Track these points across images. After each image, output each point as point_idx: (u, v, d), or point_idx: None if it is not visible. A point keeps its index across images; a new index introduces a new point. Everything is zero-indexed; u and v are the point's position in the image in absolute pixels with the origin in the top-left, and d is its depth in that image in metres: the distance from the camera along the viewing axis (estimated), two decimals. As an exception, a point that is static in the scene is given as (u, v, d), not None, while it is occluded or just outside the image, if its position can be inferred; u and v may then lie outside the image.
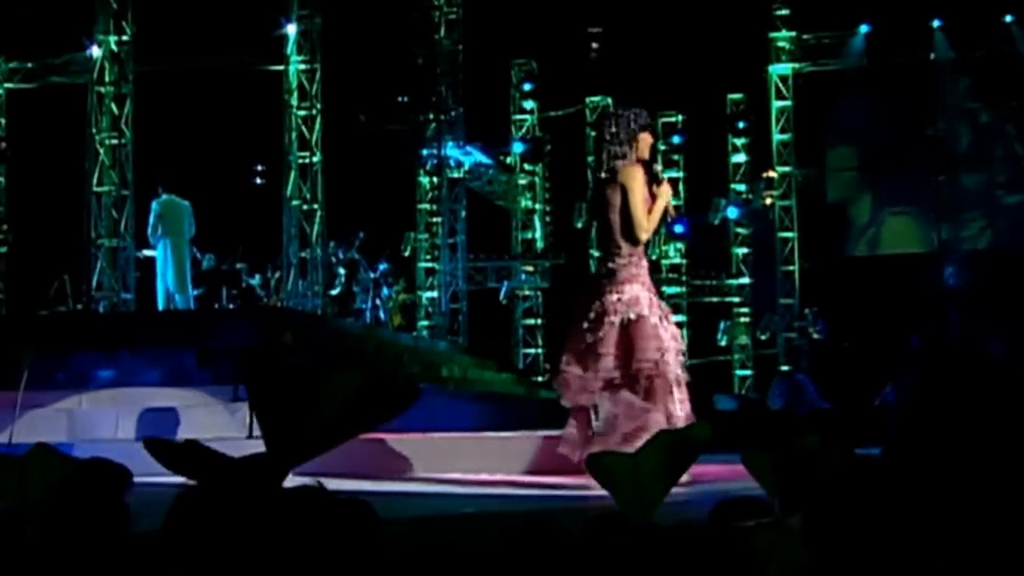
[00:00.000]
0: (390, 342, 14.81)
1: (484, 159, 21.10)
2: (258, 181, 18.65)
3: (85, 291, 15.41)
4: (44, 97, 19.52)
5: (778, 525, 1.65)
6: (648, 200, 6.40)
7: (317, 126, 15.90)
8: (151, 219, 14.23)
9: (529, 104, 22.16)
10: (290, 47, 15.63)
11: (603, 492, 1.67)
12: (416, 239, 21.00)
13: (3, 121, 20.46)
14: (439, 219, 20.63)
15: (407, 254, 20.85)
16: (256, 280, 17.07)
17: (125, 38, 15.85)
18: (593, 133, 21.72)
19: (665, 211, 6.50)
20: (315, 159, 15.91)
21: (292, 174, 15.80)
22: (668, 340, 6.37)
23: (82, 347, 11.43)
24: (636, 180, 6.36)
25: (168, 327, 12.21)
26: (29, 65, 20.06)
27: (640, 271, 6.43)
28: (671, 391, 6.29)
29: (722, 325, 20.96)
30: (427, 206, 20.96)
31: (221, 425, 9.61)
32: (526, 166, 21.97)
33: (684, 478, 1.76)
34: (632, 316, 6.28)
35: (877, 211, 19.68)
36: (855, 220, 19.99)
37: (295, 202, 15.71)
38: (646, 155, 6.47)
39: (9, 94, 20.43)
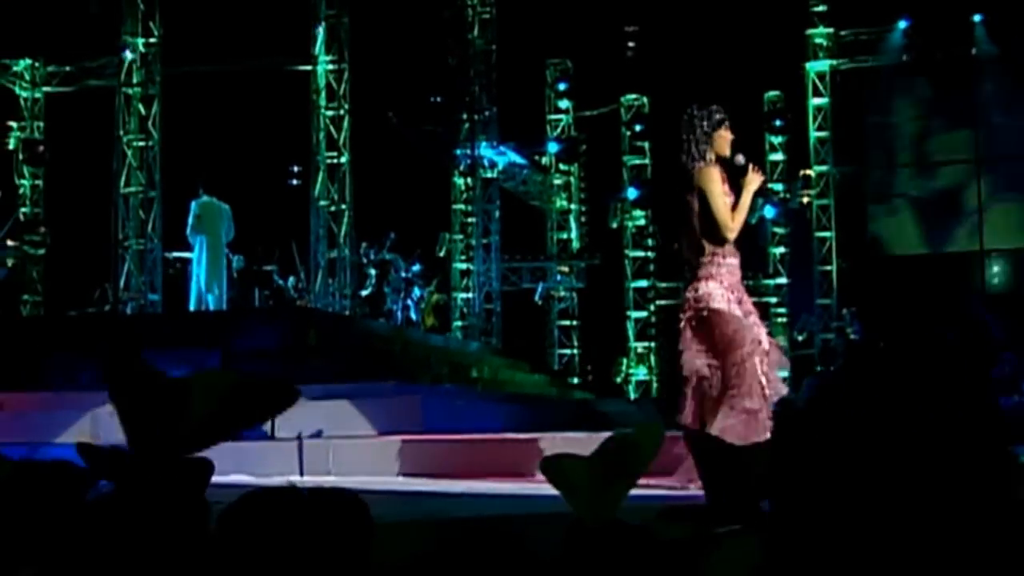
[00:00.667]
0: (418, 343, 14.76)
1: (518, 159, 21.00)
2: (294, 182, 18.65)
3: (112, 292, 15.46)
4: (81, 101, 19.65)
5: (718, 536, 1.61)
6: (730, 196, 6.28)
7: (345, 126, 15.85)
8: (190, 219, 14.26)
9: (564, 104, 22.02)
10: (318, 47, 15.59)
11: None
12: (451, 240, 20.93)
13: (41, 124, 20.60)
14: (473, 219, 20.57)
15: (442, 255, 20.78)
16: (291, 281, 17.09)
17: (153, 40, 15.88)
18: (629, 132, 21.63)
19: (755, 199, 6.43)
20: (343, 159, 15.86)
21: (320, 175, 15.76)
22: (754, 335, 6.22)
23: (106, 347, 11.44)
24: (713, 182, 6.27)
25: (193, 328, 12.24)
26: (67, 69, 20.18)
27: (719, 269, 6.29)
28: (759, 391, 6.15)
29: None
30: (462, 206, 20.88)
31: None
32: (561, 166, 21.84)
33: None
34: (705, 312, 6.21)
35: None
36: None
37: (323, 202, 15.68)
38: (726, 152, 6.34)
39: (47, 98, 20.57)
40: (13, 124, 20.59)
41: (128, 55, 17.45)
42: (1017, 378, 15.16)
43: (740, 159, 6.46)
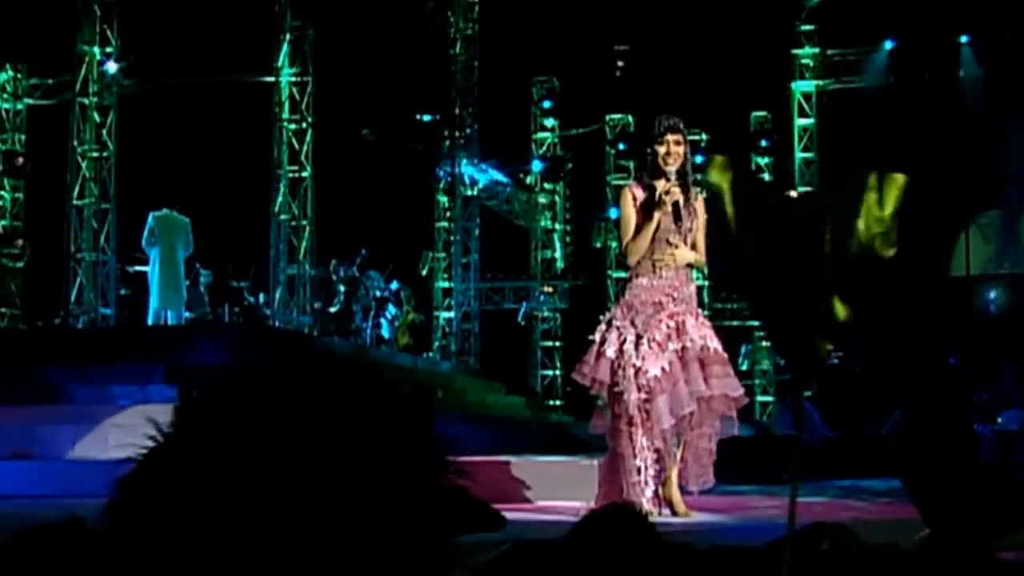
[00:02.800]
0: (378, 362, 14.46)
1: (501, 177, 20.77)
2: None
3: (63, 305, 15.28)
4: (63, 113, 19.51)
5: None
6: (638, 217, 6.00)
7: (308, 139, 15.65)
8: (145, 231, 14.06)
9: (550, 122, 21.79)
10: (281, 59, 15.40)
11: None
12: (434, 258, 20.71)
13: (23, 137, 20.47)
14: (458, 238, 20.35)
15: (424, 273, 20.55)
16: (262, 298, 16.88)
17: (110, 49, 15.69)
18: (613, 151, 21.38)
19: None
20: (305, 173, 15.65)
21: (281, 189, 15.55)
22: (620, 366, 5.88)
23: (53, 362, 11.26)
24: (622, 199, 6.11)
25: (139, 343, 12.00)
26: (49, 81, 20.04)
27: (629, 291, 6.03)
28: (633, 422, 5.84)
29: (743, 349, 20.38)
30: (445, 224, 20.67)
31: None
32: (546, 185, 21.59)
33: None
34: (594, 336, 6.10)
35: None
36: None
37: (283, 217, 15.45)
38: (667, 166, 6.05)
39: (30, 110, 20.44)
40: (-9, 137, 20.49)
41: (111, 68, 17.32)
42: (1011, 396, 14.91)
43: (667, 182, 6.14)
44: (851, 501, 7.08)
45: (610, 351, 5.96)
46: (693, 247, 6.07)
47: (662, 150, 6.12)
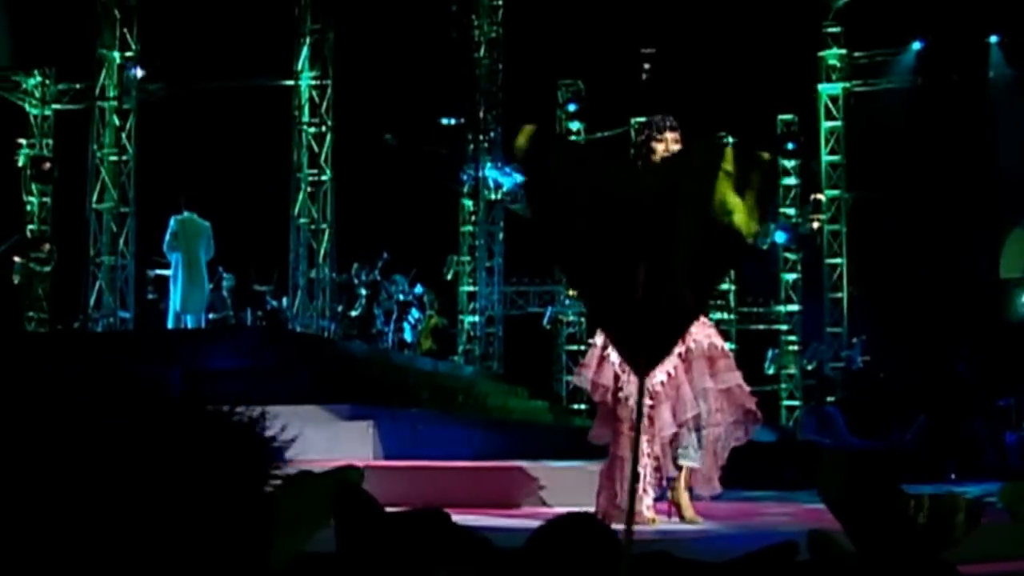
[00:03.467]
0: (400, 366, 14.43)
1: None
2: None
3: (82, 309, 15.31)
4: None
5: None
6: None
7: (327, 143, 15.61)
8: (167, 235, 14.06)
9: (575, 125, 21.68)
10: (301, 62, 15.38)
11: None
12: (459, 262, 20.66)
13: (50, 142, 20.56)
14: (481, 242, 20.31)
15: (449, 277, 20.51)
16: (285, 302, 16.87)
17: (129, 53, 15.72)
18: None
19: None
20: (325, 177, 15.61)
21: (301, 193, 15.52)
22: (624, 371, 5.77)
23: (71, 366, 11.23)
24: None
25: (155, 347, 11.99)
26: (77, 86, 20.13)
27: None
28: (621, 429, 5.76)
29: (770, 354, 20.20)
30: (470, 228, 20.63)
31: None
32: (571, 188, 21.48)
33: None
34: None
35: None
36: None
37: (303, 220, 15.43)
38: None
39: (57, 115, 20.54)
40: (22, 141, 20.59)
41: (136, 72, 17.39)
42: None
43: None
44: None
45: (614, 355, 5.82)
46: None
47: (661, 148, 5.94)
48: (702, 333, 5.77)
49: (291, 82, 15.58)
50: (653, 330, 1.62)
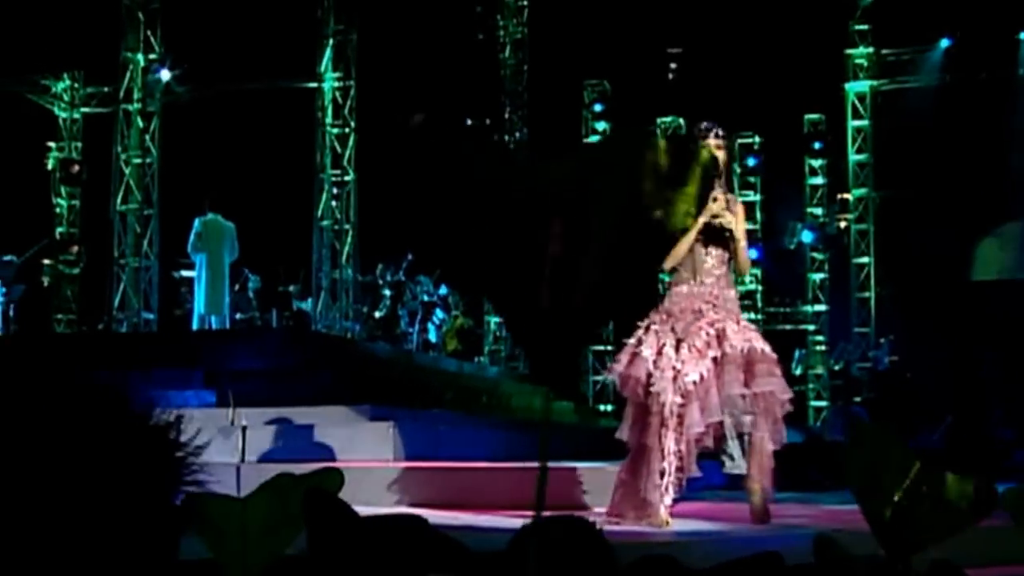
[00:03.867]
0: (423, 367, 14.43)
1: (551, 181, 20.69)
2: (333, 204, 18.54)
3: (106, 310, 15.42)
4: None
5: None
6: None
7: (351, 144, 15.64)
8: (191, 236, 14.14)
9: (601, 125, 21.65)
10: (324, 64, 15.42)
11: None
12: (486, 262, 20.69)
13: (79, 145, 20.73)
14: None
15: (477, 278, 20.53)
16: (309, 303, 16.92)
17: (153, 56, 15.82)
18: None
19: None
20: (348, 178, 15.65)
21: (324, 194, 15.56)
22: (658, 367, 5.80)
23: (94, 366, 11.32)
24: None
25: (178, 348, 12.06)
26: (105, 90, 20.29)
27: (666, 300, 5.99)
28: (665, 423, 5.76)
29: (797, 354, 20.10)
30: (496, 229, 20.65)
31: (218, 449, 9.36)
32: (597, 188, 21.47)
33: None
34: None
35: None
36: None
37: (326, 222, 15.47)
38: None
39: (86, 119, 20.71)
40: (52, 144, 20.78)
41: (164, 75, 17.52)
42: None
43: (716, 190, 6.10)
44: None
45: (647, 352, 5.89)
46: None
47: (717, 151, 6.02)
48: (740, 337, 5.79)
49: (315, 84, 15.62)
50: (562, 332, 1.49)
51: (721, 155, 5.90)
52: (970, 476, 2.41)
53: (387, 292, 16.63)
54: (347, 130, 15.68)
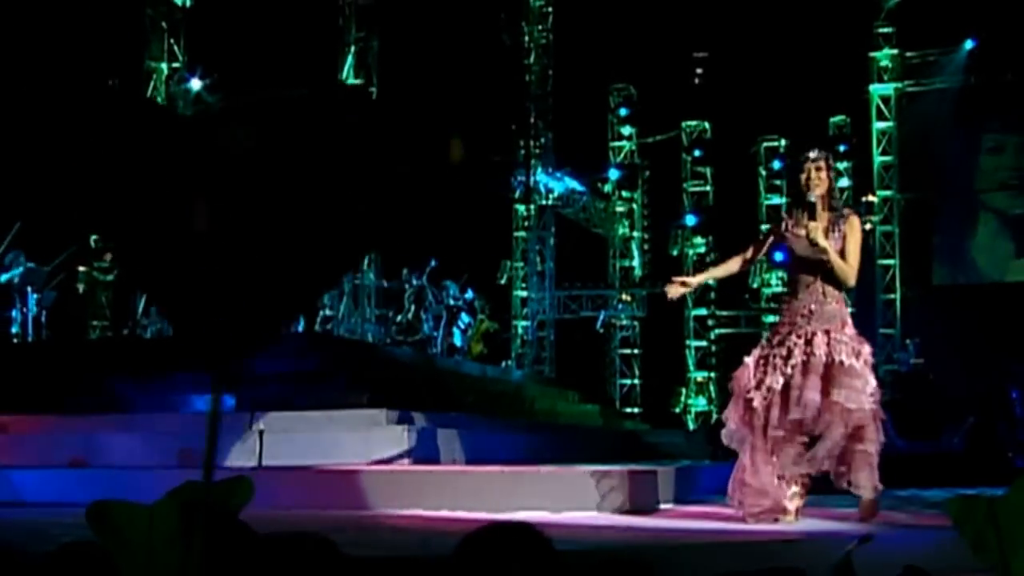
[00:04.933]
0: (445, 371, 14.60)
1: (577, 186, 20.82)
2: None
3: (131, 316, 15.68)
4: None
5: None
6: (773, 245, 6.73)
7: (372, 150, 15.85)
8: None
9: (627, 130, 21.77)
10: (346, 70, 15.67)
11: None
12: (513, 267, 20.85)
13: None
14: (536, 247, 20.48)
15: (503, 282, 20.70)
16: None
17: (176, 64, 16.12)
18: (689, 159, 21.30)
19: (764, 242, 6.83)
20: (369, 184, 15.86)
21: (346, 200, 15.78)
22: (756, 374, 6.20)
23: (118, 372, 11.60)
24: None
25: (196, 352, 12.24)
26: (142, 99, 20.63)
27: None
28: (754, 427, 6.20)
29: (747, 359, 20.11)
30: (523, 234, 20.80)
31: (236, 453, 9.54)
32: (623, 193, 21.57)
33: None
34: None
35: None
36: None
37: (347, 228, 15.68)
38: (808, 192, 6.40)
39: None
40: (87, 153, 21.16)
41: (195, 85, 17.83)
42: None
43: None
44: (894, 512, 6.92)
45: (749, 359, 6.29)
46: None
47: (803, 177, 6.38)
48: (824, 348, 6.09)
49: (336, 92, 15.87)
50: (234, 334, 1.32)
51: (823, 176, 6.31)
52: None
53: (410, 297, 16.82)
54: (368, 136, 15.90)
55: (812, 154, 6.42)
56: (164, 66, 16.32)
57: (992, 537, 1.58)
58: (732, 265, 6.82)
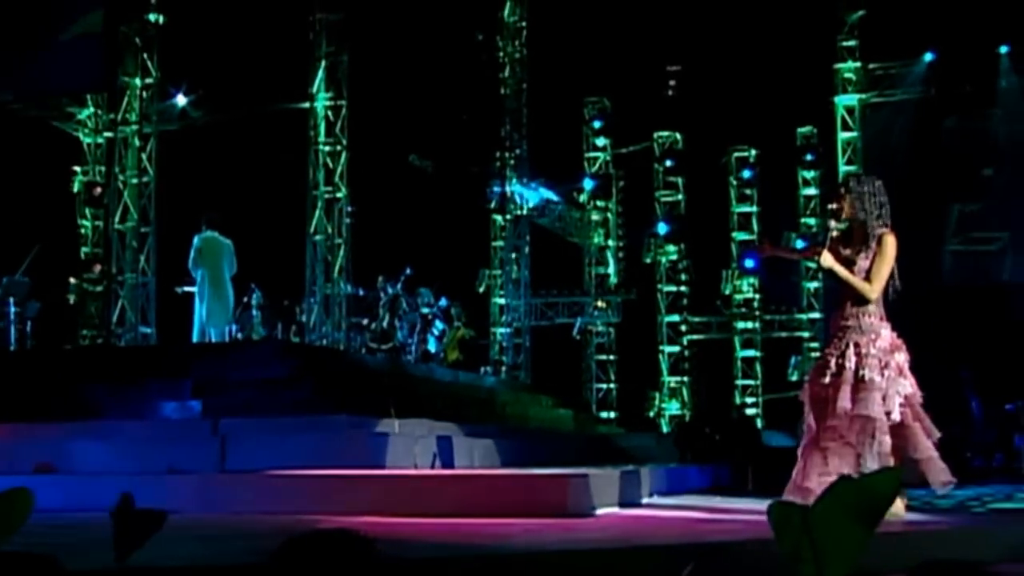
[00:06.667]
0: (415, 377, 14.87)
1: (552, 196, 21.25)
2: (347, 221, 19.12)
3: (105, 326, 16.07)
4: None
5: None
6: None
7: (343, 161, 16.33)
8: (191, 253, 14.74)
9: (601, 141, 22.21)
10: (316, 84, 16.12)
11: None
12: (491, 275, 21.27)
13: (103, 168, 21.51)
14: (512, 256, 20.89)
15: (482, 290, 21.12)
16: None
17: (149, 80, 16.55)
18: (661, 168, 21.68)
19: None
20: (340, 194, 16.35)
21: (317, 210, 16.25)
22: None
23: (91, 379, 11.88)
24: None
25: (174, 361, 12.60)
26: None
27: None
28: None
29: (793, 360, 20.56)
30: (501, 243, 21.22)
31: (199, 458, 9.78)
32: (598, 202, 22.02)
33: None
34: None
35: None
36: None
37: (319, 237, 16.14)
38: (833, 218, 6.76)
39: (109, 143, 21.46)
40: (77, 169, 21.57)
41: (180, 100, 18.29)
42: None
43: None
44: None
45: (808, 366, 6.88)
46: (868, 279, 6.58)
47: (834, 206, 6.73)
48: (854, 360, 6.49)
49: (307, 104, 16.33)
50: None
51: (844, 204, 6.64)
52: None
53: (385, 305, 17.17)
54: (339, 148, 16.38)
55: (838, 185, 6.84)
56: (138, 81, 16.76)
57: (807, 548, 1.56)
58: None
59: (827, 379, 6.40)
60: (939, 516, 6.69)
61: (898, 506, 6.44)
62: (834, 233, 6.65)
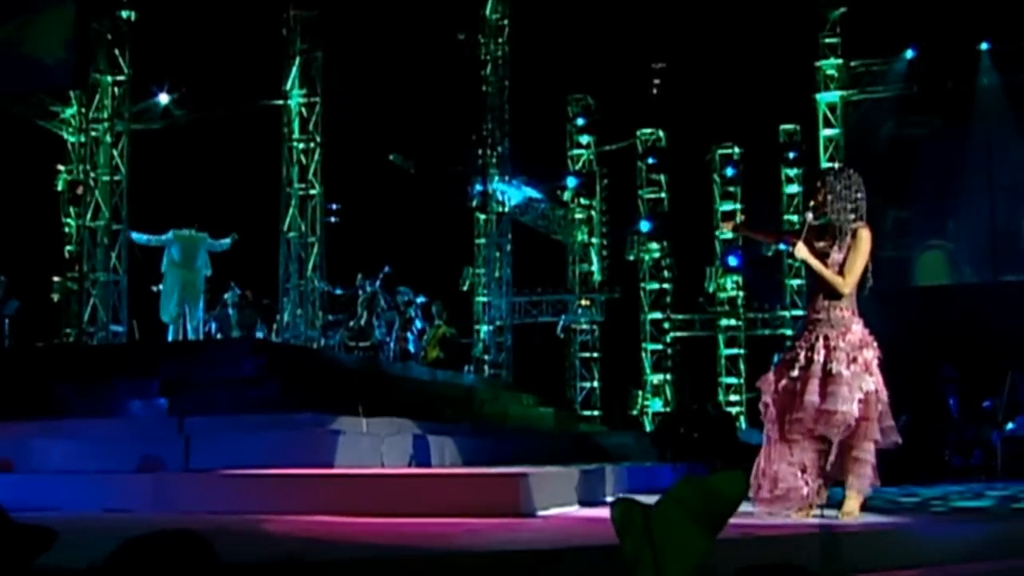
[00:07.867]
0: (390, 375, 14.83)
1: (535, 194, 21.21)
2: (331, 219, 19.08)
3: (77, 324, 16.03)
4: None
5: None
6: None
7: (316, 158, 16.29)
8: (165, 250, 14.70)
9: (584, 139, 22.17)
10: (290, 81, 16.08)
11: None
12: (474, 274, 21.23)
13: (87, 167, 21.44)
14: (495, 254, 20.86)
15: (465, 288, 21.07)
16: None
17: (121, 78, 16.50)
18: (644, 166, 21.65)
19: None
20: (314, 191, 16.31)
21: (291, 208, 16.21)
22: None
23: (59, 378, 11.84)
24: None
25: (143, 359, 12.58)
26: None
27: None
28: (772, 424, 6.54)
29: (775, 358, 20.44)
30: (483, 241, 21.18)
31: (164, 457, 9.74)
32: (582, 200, 21.98)
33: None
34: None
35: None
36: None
37: (292, 234, 16.10)
38: (810, 211, 6.71)
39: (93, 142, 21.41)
40: (61, 168, 21.52)
41: (163, 99, 18.23)
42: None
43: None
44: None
45: (775, 357, 6.76)
46: (841, 273, 6.51)
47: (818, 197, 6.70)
48: (822, 353, 6.42)
49: (281, 101, 16.30)
50: None
51: (819, 197, 6.57)
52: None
53: (363, 303, 17.14)
54: (312, 145, 16.35)
55: (821, 177, 6.77)
56: (109, 78, 16.71)
57: (648, 553, 1.48)
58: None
59: (795, 372, 6.32)
60: (894, 517, 6.63)
61: (852, 506, 6.44)
62: (813, 223, 6.56)
